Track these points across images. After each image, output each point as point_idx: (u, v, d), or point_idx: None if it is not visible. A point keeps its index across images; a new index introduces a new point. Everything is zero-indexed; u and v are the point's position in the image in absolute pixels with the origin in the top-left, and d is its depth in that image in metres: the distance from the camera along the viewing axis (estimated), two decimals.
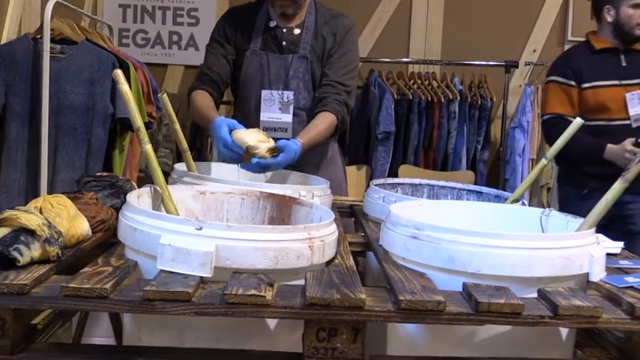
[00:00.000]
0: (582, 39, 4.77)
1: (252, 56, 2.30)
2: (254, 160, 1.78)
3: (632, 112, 2.89)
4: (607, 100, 2.91)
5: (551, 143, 2.95)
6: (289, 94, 2.27)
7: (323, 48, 2.30)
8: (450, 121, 4.45)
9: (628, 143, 2.76)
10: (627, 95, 2.90)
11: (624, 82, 2.92)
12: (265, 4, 2.35)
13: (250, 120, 2.24)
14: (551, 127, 2.95)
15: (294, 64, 2.28)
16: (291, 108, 2.27)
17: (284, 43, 2.30)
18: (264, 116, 2.27)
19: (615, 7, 2.93)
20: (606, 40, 2.99)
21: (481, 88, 4.54)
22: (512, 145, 4.47)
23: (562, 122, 2.86)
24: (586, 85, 2.94)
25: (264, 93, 2.27)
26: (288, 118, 2.27)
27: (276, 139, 1.87)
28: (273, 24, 2.32)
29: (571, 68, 2.97)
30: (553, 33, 4.79)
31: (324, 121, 2.18)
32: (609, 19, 2.96)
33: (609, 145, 2.81)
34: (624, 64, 2.96)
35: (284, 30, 2.31)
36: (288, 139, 2.04)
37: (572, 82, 2.95)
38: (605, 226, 2.83)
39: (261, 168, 1.82)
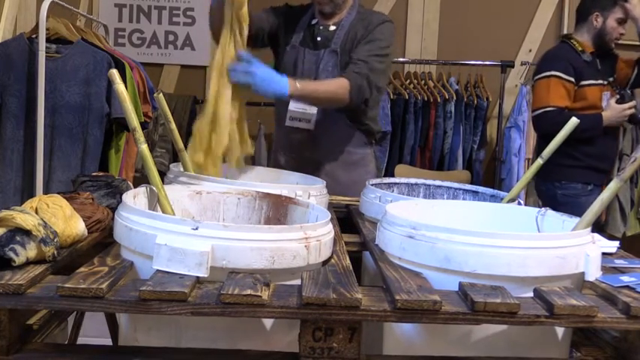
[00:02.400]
0: None
1: (290, 50, 2.41)
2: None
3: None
4: (596, 98, 3.14)
5: (546, 135, 3.04)
6: None
7: (353, 41, 2.35)
8: (446, 120, 4.46)
9: (617, 106, 3.12)
10: (603, 94, 3.17)
11: (600, 81, 3.17)
12: (313, 5, 2.46)
13: (285, 111, 2.35)
14: (552, 119, 3.01)
15: (325, 58, 2.36)
16: None
17: (319, 38, 2.39)
18: (291, 106, 2.34)
19: (603, 17, 3.13)
20: (587, 44, 3.18)
21: (477, 87, 4.54)
22: (508, 144, 4.48)
23: (563, 115, 2.96)
24: (584, 82, 3.11)
25: None
26: (313, 109, 2.34)
27: None
28: (314, 22, 2.43)
29: (572, 66, 3.10)
30: (549, 33, 4.80)
31: (332, 81, 2.24)
32: (595, 24, 3.15)
33: (603, 113, 3.12)
34: (599, 67, 3.19)
35: (321, 27, 2.41)
36: (310, 130, 2.29)
37: (572, 80, 3.09)
38: None
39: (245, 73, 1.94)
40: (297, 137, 2.39)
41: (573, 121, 1.63)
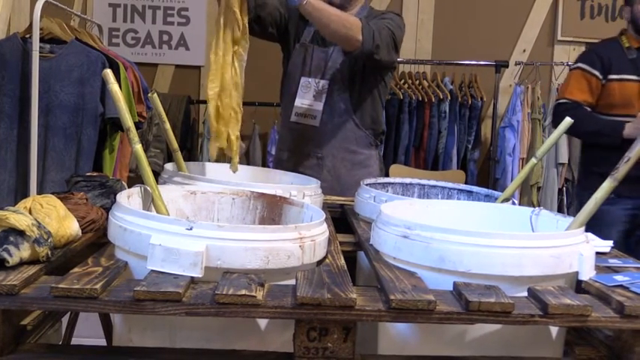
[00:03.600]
0: (571, 39, 4.79)
1: (300, 48, 2.42)
2: None
3: None
4: (632, 95, 2.90)
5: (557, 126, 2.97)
6: (324, 83, 2.37)
7: None
8: (440, 120, 4.46)
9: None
10: None
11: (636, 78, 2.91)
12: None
13: (291, 107, 2.37)
14: (564, 112, 2.89)
15: (334, 55, 2.37)
16: (324, 97, 2.37)
17: None
18: (298, 102, 2.38)
19: (630, 5, 2.97)
20: (633, 37, 2.99)
21: (471, 87, 4.56)
22: (503, 144, 4.49)
23: (577, 108, 2.89)
24: (613, 76, 2.92)
25: (303, 80, 2.40)
26: (319, 106, 2.36)
27: None
28: None
29: (599, 57, 2.96)
30: (543, 33, 4.82)
31: (346, 14, 2.20)
32: (627, 17, 3.00)
33: (628, 124, 2.82)
34: None
35: None
36: (315, 126, 2.30)
37: (596, 72, 2.94)
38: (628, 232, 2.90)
39: None
40: (302, 134, 2.40)
41: (567, 120, 1.64)
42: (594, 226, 1.48)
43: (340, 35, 2.16)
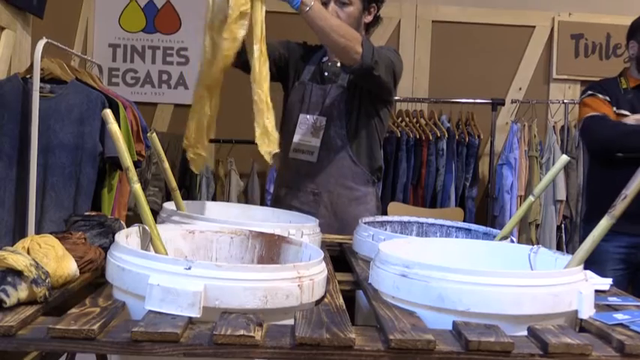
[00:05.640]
0: (566, 77, 4.85)
1: (299, 86, 2.46)
2: None
3: None
4: None
5: (593, 139, 2.90)
6: (322, 120, 2.38)
7: None
8: (438, 158, 4.48)
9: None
10: None
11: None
12: None
13: (289, 144, 2.38)
14: (599, 121, 2.86)
15: (332, 92, 2.40)
16: (322, 133, 2.39)
17: (326, 73, 2.44)
18: (296, 138, 2.40)
19: (637, 42, 2.96)
20: (632, 77, 2.99)
21: (468, 125, 4.59)
22: (500, 181, 4.50)
23: (606, 118, 2.85)
24: (620, 111, 2.92)
25: (302, 117, 2.42)
26: (317, 142, 2.38)
27: None
28: (325, 59, 2.48)
29: (604, 89, 2.96)
30: (538, 71, 4.87)
31: (347, 26, 2.19)
32: (632, 53, 2.99)
33: None
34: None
35: (329, 63, 2.45)
36: (312, 162, 2.28)
37: (608, 98, 2.93)
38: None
39: None
40: (299, 170, 2.41)
41: (564, 158, 1.65)
42: (592, 263, 1.47)
43: (340, 45, 2.14)
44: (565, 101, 4.62)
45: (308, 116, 2.40)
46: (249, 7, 1.83)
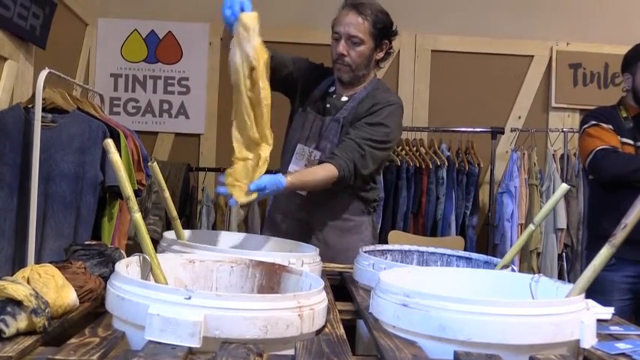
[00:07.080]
0: (565, 106, 4.86)
1: (301, 113, 2.46)
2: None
3: None
4: None
5: (606, 174, 2.86)
6: (317, 154, 2.38)
7: (357, 115, 2.37)
8: (438, 186, 4.49)
9: None
10: None
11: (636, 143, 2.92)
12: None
13: (286, 170, 2.39)
14: (611, 154, 2.85)
15: (329, 125, 2.40)
16: None
17: (327, 105, 2.44)
18: (291, 168, 2.40)
19: (632, 74, 2.98)
20: (632, 106, 3.00)
21: (468, 154, 4.60)
22: (501, 210, 4.49)
23: (618, 152, 2.84)
24: (623, 140, 2.92)
25: (299, 147, 2.42)
26: None
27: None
28: (332, 89, 2.48)
29: (605, 117, 2.96)
30: (537, 100, 4.90)
31: (323, 171, 2.24)
32: (626, 85, 3.00)
33: None
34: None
35: (334, 96, 2.46)
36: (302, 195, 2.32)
37: (610, 126, 2.92)
38: None
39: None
40: (293, 200, 2.41)
41: (564, 187, 1.65)
42: (598, 293, 1.47)
43: (323, 186, 2.27)
44: (564, 130, 4.64)
45: (305, 147, 2.41)
46: (267, 54, 1.89)
